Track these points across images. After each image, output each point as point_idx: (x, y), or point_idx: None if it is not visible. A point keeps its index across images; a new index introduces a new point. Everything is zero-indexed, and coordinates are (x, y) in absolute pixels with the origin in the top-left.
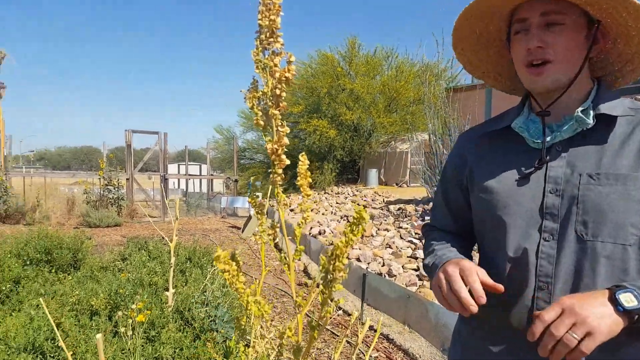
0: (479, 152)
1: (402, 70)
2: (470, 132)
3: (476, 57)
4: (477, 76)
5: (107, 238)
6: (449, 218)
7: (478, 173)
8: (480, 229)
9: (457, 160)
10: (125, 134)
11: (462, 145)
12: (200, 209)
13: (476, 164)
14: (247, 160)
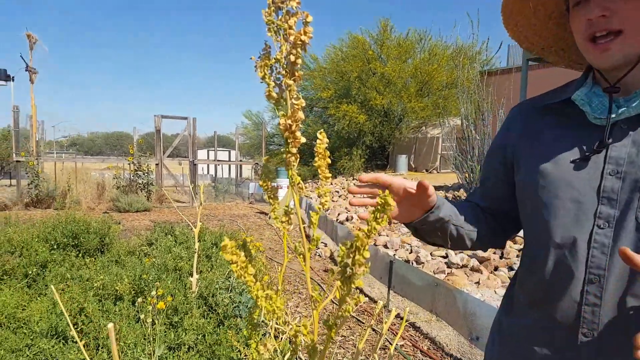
0: (530, 127)
1: (435, 54)
2: (524, 104)
3: (533, 31)
4: (536, 53)
5: (136, 223)
6: (484, 194)
7: (527, 150)
8: (524, 212)
9: (506, 134)
10: (154, 119)
11: (513, 118)
12: (228, 194)
13: (526, 139)
14: (276, 146)
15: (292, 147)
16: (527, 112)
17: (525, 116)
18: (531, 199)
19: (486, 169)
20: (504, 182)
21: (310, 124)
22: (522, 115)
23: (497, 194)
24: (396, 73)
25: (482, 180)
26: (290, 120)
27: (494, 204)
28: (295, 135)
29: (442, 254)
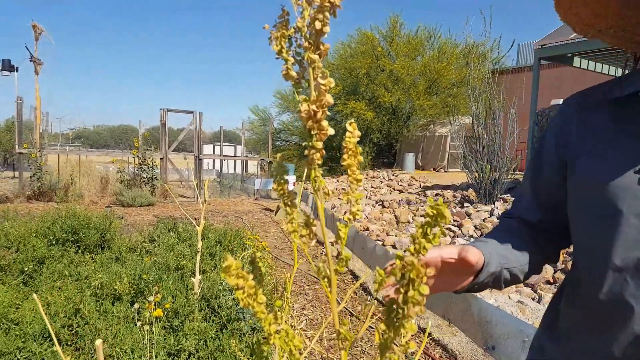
0: (587, 124)
1: (445, 51)
2: (578, 98)
3: (589, 10)
4: (591, 36)
5: (139, 218)
6: (534, 204)
7: (583, 152)
8: (576, 225)
9: (558, 133)
10: (160, 113)
11: (566, 114)
12: (233, 190)
13: (582, 139)
14: (282, 142)
15: (316, 140)
16: (583, 107)
17: (581, 111)
18: (586, 210)
19: (534, 175)
20: (559, 188)
21: None
22: (576, 110)
23: (552, 202)
24: (405, 70)
25: (532, 189)
26: (315, 106)
27: (548, 216)
28: (321, 125)
29: None
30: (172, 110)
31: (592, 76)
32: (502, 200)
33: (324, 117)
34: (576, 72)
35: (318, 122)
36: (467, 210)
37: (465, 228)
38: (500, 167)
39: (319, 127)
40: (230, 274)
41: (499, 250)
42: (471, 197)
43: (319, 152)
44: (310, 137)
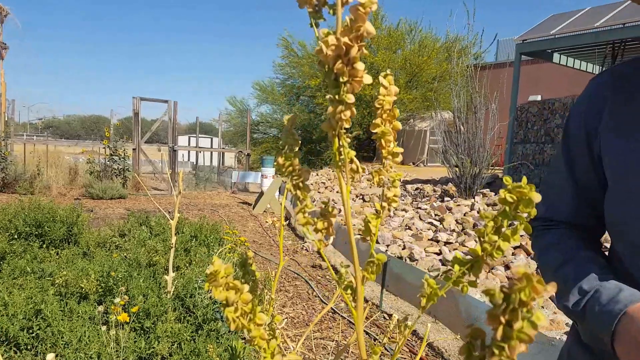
0: (620, 104)
1: (425, 45)
2: (612, 73)
3: None
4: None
5: (109, 211)
6: (579, 202)
7: (619, 139)
8: (615, 221)
9: (587, 116)
10: (133, 101)
11: (594, 94)
12: (210, 183)
13: (616, 121)
14: (261, 134)
15: (347, 91)
16: (616, 85)
17: (615, 90)
18: (626, 204)
19: (572, 165)
20: (596, 181)
21: (296, 113)
22: (610, 89)
23: (597, 197)
24: (386, 63)
25: (572, 184)
26: (347, 38)
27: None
28: (355, 69)
29: (436, 250)
30: (146, 99)
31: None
32: (482, 194)
33: (359, 56)
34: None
35: (351, 63)
36: (448, 204)
37: (447, 222)
38: (481, 162)
39: (352, 71)
40: (217, 284)
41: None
42: (451, 192)
43: (350, 110)
44: (337, 87)
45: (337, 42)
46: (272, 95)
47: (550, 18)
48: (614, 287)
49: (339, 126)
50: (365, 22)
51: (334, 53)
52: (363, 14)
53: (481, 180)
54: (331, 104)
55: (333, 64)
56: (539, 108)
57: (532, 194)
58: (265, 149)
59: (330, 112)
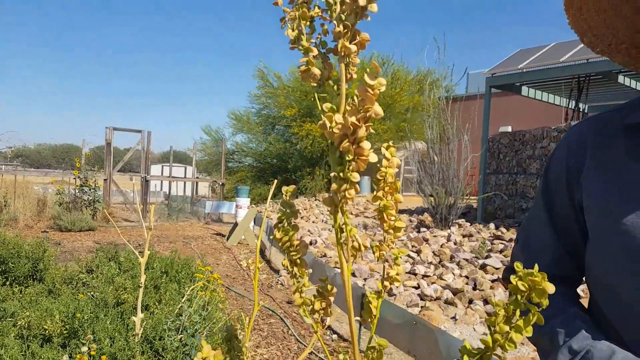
0: (602, 154)
1: (398, 78)
2: (589, 123)
3: (601, 20)
4: (599, 51)
5: (78, 244)
6: (555, 253)
7: (598, 187)
8: (596, 275)
9: (567, 165)
10: (105, 131)
11: (575, 142)
12: (182, 213)
13: (596, 171)
14: (236, 163)
15: (351, 169)
16: (594, 134)
17: (593, 139)
18: (606, 256)
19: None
20: (583, 231)
21: (272, 142)
22: (587, 137)
23: (580, 247)
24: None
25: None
26: (355, 118)
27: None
28: (362, 149)
29: (414, 284)
30: (119, 129)
31: (538, 105)
32: (458, 225)
33: (365, 135)
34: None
35: (357, 142)
36: (424, 235)
37: (424, 254)
38: (455, 192)
39: (358, 150)
40: None
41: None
42: (427, 222)
43: (353, 187)
44: (342, 165)
45: (344, 121)
46: (247, 124)
47: (518, 53)
48: (606, 348)
49: (344, 202)
50: (374, 104)
51: (340, 132)
52: (372, 96)
53: (456, 211)
54: (335, 180)
55: (339, 143)
56: (510, 139)
57: (545, 283)
58: (240, 178)
59: (334, 189)
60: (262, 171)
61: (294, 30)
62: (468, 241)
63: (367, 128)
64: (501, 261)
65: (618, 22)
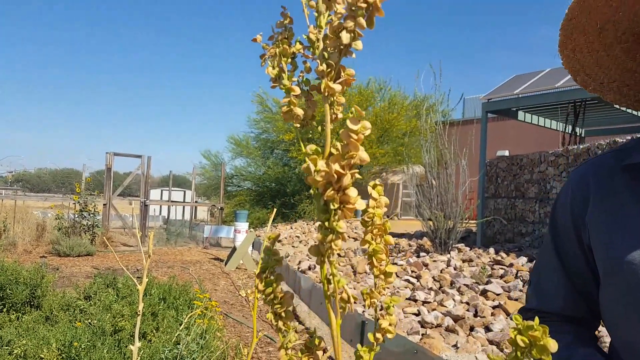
0: (607, 196)
1: (395, 103)
2: (592, 164)
3: (593, 60)
4: (592, 89)
5: (76, 269)
6: (567, 295)
7: (604, 228)
8: (608, 317)
9: (573, 206)
10: (106, 156)
11: (580, 185)
12: (181, 238)
13: (601, 213)
14: (235, 187)
15: (337, 219)
16: (595, 176)
17: (597, 181)
18: (613, 295)
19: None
20: (588, 272)
21: (271, 166)
22: (592, 179)
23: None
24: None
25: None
26: (338, 165)
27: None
28: (348, 196)
29: (415, 311)
30: (119, 154)
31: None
32: (457, 249)
33: (350, 182)
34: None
35: (343, 190)
36: (424, 260)
37: (424, 280)
38: (455, 216)
39: (344, 197)
40: None
41: None
42: (426, 246)
43: (340, 239)
44: (328, 214)
45: (328, 168)
46: (246, 148)
47: (514, 78)
48: None
49: (331, 252)
50: (359, 149)
51: (324, 179)
52: (355, 142)
53: (456, 235)
54: (320, 230)
55: (323, 190)
56: (507, 163)
57: (546, 340)
58: (239, 202)
59: (320, 239)
60: (261, 195)
61: (275, 68)
62: (468, 266)
63: (352, 175)
64: (502, 287)
65: (609, 62)
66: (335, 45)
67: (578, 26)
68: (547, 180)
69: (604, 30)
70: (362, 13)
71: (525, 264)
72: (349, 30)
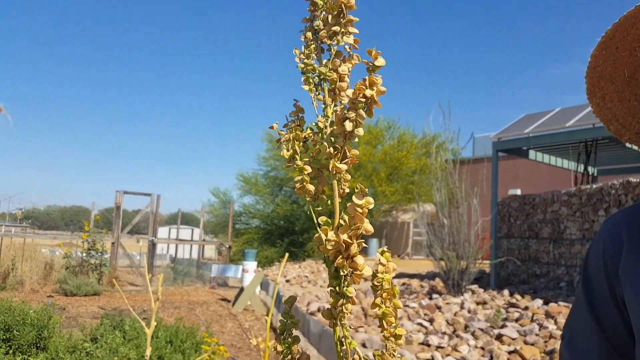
0: (636, 249)
1: (404, 141)
2: (624, 216)
3: (626, 109)
4: (627, 139)
5: (82, 309)
6: (603, 352)
7: (636, 283)
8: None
9: (606, 257)
10: (115, 195)
11: (609, 237)
12: (188, 277)
13: (634, 266)
14: (243, 224)
15: (348, 284)
16: (632, 227)
17: (630, 232)
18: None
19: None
20: (629, 327)
21: (279, 204)
22: (624, 230)
23: (629, 347)
24: (366, 157)
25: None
26: (347, 236)
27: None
28: (356, 263)
29: (428, 356)
30: (129, 193)
31: (546, 168)
32: (471, 291)
33: (357, 250)
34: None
35: (351, 257)
36: (437, 302)
37: (437, 323)
38: (467, 257)
39: (353, 264)
40: None
41: None
42: (439, 288)
43: (351, 301)
44: (338, 280)
45: (337, 238)
46: (255, 186)
47: (524, 118)
48: None
49: (342, 317)
50: (364, 221)
51: (334, 248)
52: (361, 215)
53: (469, 276)
54: (332, 295)
55: (334, 258)
56: (520, 203)
57: None
58: (247, 240)
59: (332, 303)
60: (269, 233)
61: (289, 150)
62: (482, 309)
63: (359, 244)
64: (517, 331)
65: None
66: (340, 131)
67: (604, 75)
68: (561, 220)
69: (633, 79)
70: (362, 106)
71: (541, 306)
72: (351, 119)
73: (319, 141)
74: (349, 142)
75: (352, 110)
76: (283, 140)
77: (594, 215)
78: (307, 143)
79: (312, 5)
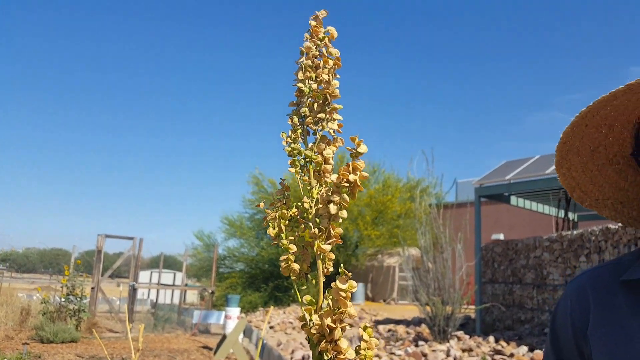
0: (605, 310)
1: (389, 185)
2: (589, 277)
3: (588, 178)
4: (588, 205)
5: (59, 357)
6: None
7: (602, 343)
8: None
9: (573, 317)
10: (97, 238)
11: (576, 298)
12: (169, 323)
13: (600, 328)
14: (227, 268)
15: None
16: (597, 290)
17: (596, 295)
18: None
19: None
20: None
21: (264, 247)
22: (590, 293)
23: None
24: (352, 201)
25: None
26: (330, 320)
27: None
28: (339, 346)
29: None
30: (111, 236)
31: (527, 213)
32: (457, 338)
33: (342, 333)
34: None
35: (335, 341)
36: (423, 349)
37: None
38: (453, 302)
39: (336, 348)
40: None
41: None
42: (425, 334)
43: None
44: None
45: (321, 322)
46: (240, 229)
47: (504, 165)
48: None
49: None
50: (347, 306)
51: (318, 332)
52: (344, 299)
53: (454, 322)
54: None
55: (317, 342)
56: (503, 248)
57: None
58: (230, 284)
59: None
60: (254, 277)
61: (275, 228)
62: (468, 356)
63: (342, 328)
64: None
65: (603, 181)
66: (325, 212)
67: (572, 149)
68: (544, 265)
69: (597, 152)
70: (345, 190)
71: (526, 353)
72: (335, 203)
73: (304, 222)
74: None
75: (337, 194)
76: (269, 218)
77: (575, 261)
78: (292, 222)
79: (299, 91)
